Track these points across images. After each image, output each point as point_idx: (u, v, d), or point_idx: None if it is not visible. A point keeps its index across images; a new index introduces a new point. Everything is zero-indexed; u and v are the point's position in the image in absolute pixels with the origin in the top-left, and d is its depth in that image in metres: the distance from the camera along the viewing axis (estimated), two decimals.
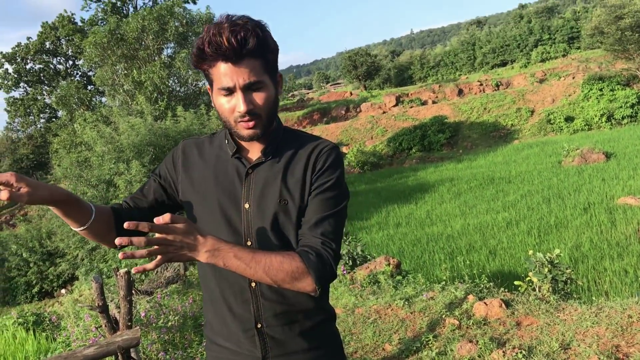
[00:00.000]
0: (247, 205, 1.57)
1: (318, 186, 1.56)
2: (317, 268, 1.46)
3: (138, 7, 33.38)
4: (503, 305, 4.82)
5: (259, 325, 1.59)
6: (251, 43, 1.41)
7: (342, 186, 1.60)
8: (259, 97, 1.49)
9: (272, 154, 1.60)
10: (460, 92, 42.70)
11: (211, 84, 1.53)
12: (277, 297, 1.58)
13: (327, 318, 1.69)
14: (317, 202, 1.55)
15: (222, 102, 1.50)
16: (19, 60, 46.02)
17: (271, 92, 1.51)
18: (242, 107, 1.47)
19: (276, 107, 1.56)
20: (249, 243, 1.56)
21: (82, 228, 1.56)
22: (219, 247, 1.37)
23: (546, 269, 5.38)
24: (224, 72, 1.45)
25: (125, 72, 24.82)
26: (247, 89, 1.47)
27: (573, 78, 36.97)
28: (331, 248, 1.51)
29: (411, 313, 5.24)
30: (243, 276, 1.51)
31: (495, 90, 41.39)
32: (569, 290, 5.50)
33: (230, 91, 1.47)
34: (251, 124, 1.50)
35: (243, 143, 1.62)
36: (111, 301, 5.89)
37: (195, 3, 32.85)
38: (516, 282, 5.69)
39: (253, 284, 1.57)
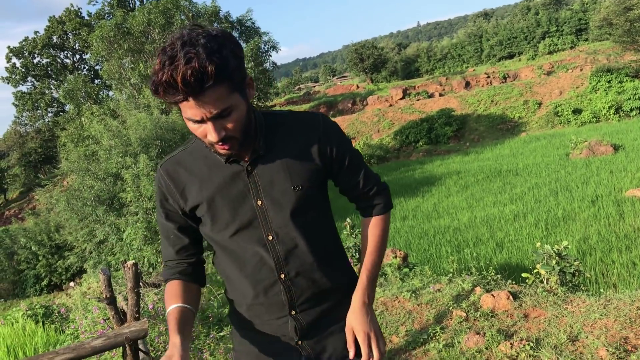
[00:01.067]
0: (259, 202, 1.57)
1: (341, 159, 1.66)
2: (388, 202, 1.78)
3: (144, 0, 33.35)
4: (510, 297, 4.80)
5: (293, 312, 1.63)
6: (211, 77, 1.31)
7: (349, 143, 1.70)
8: (229, 122, 1.42)
9: (265, 145, 1.58)
10: (468, 85, 42.55)
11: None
12: (307, 283, 1.62)
13: (353, 288, 1.72)
14: (347, 171, 1.69)
15: (194, 128, 1.44)
16: (26, 54, 46.23)
17: (241, 111, 1.44)
18: (214, 138, 1.41)
19: (249, 117, 1.50)
20: (270, 237, 1.57)
21: None
22: (358, 292, 1.68)
23: (554, 261, 5.37)
24: (189, 106, 1.37)
25: (132, 65, 24.84)
26: (217, 118, 1.40)
27: (581, 70, 36.74)
28: (378, 183, 1.76)
29: (418, 305, 5.24)
30: (270, 270, 1.59)
31: (503, 82, 41.22)
32: (576, 282, 5.48)
33: (198, 122, 1.41)
34: (226, 146, 1.46)
35: None
36: (119, 293, 5.91)
37: None
38: (524, 275, 5.67)
39: (282, 275, 1.60)
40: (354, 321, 1.64)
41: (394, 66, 60.27)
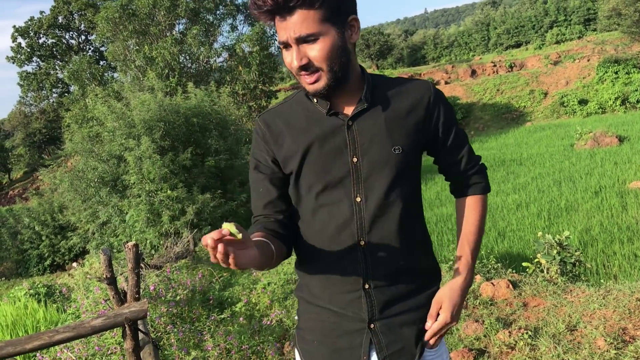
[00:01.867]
0: (355, 159, 1.49)
1: (447, 131, 1.59)
2: (488, 186, 1.69)
3: None
4: (510, 286, 4.81)
5: (367, 286, 1.52)
6: None
7: (455, 116, 1.63)
8: (314, 50, 1.38)
9: (369, 100, 1.50)
10: (474, 73, 42.34)
11: None
12: (388, 256, 1.52)
13: (434, 277, 1.66)
14: (452, 145, 1.61)
15: (285, 56, 1.42)
16: (32, 34, 46.13)
17: (332, 42, 1.39)
18: (295, 63, 1.39)
19: (345, 55, 1.43)
20: (358, 199, 1.50)
21: (268, 267, 1.49)
22: (463, 273, 1.62)
23: (555, 251, 5.37)
24: (279, 26, 1.38)
25: (137, 47, 24.76)
26: (302, 42, 1.38)
27: (588, 60, 36.49)
28: (479, 163, 1.69)
29: None
30: (351, 235, 1.50)
31: (509, 71, 40.99)
32: (577, 272, 5.49)
33: (286, 45, 1.40)
34: (311, 78, 1.42)
35: (334, 98, 1.51)
36: (120, 274, 5.95)
37: None
38: (524, 264, 5.68)
39: (362, 242, 1.50)
40: (448, 297, 1.58)
41: (400, 53, 59.99)
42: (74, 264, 17.06)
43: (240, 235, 1.21)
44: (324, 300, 1.57)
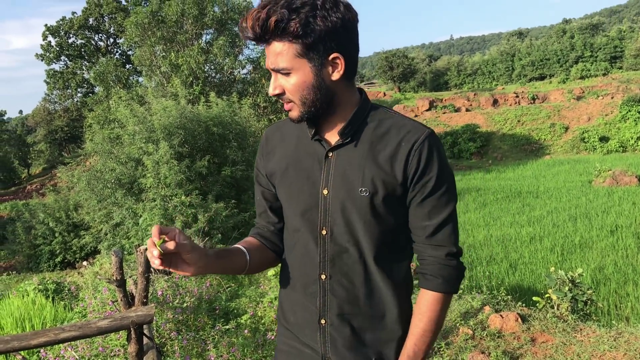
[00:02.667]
0: (325, 192, 1.47)
1: (421, 188, 1.44)
2: (452, 287, 1.48)
3: None
4: (519, 319, 4.76)
5: (323, 321, 1.50)
6: (268, 27, 1.32)
7: (447, 183, 1.47)
8: (287, 82, 1.40)
9: (351, 135, 1.47)
10: (495, 102, 42.25)
11: None
12: (348, 296, 1.48)
13: (399, 325, 1.53)
14: (427, 208, 1.46)
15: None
16: (62, 33, 46.92)
17: (305, 79, 1.38)
18: (269, 89, 1.44)
19: (320, 92, 1.41)
20: (323, 232, 1.48)
21: (243, 273, 1.58)
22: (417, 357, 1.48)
23: (567, 288, 5.30)
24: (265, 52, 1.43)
25: (164, 54, 25.07)
26: (277, 72, 1.40)
27: (612, 98, 36.27)
28: (455, 256, 1.48)
29: None
30: (313, 266, 1.50)
31: (531, 103, 40.86)
32: (588, 311, 5.41)
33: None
34: (287, 106, 1.45)
35: (323, 122, 1.49)
36: (129, 277, 5.96)
37: None
38: (534, 298, 5.61)
39: (323, 276, 1.49)
40: None
41: (422, 77, 60.06)
42: (84, 263, 17.15)
43: (162, 246, 1.33)
44: (293, 326, 1.59)
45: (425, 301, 1.48)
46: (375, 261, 1.48)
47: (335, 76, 1.41)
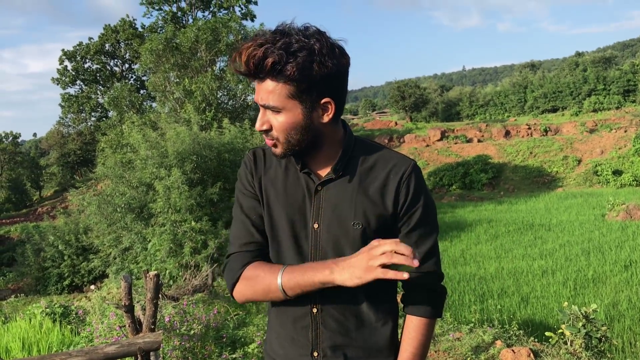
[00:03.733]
0: (315, 225, 1.48)
1: (409, 218, 1.50)
2: (438, 312, 1.55)
3: (197, 18, 34.23)
4: (531, 355, 4.66)
5: (315, 354, 1.51)
6: (264, 67, 1.33)
7: (432, 213, 1.54)
8: (275, 120, 1.41)
9: (342, 169, 1.50)
10: (507, 134, 42.23)
11: None
12: (339, 328, 1.50)
13: (388, 355, 1.56)
14: (414, 237, 1.51)
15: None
16: (78, 58, 47.65)
17: (293, 120, 1.40)
18: (256, 124, 1.45)
19: (310, 133, 1.43)
20: None
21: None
22: None
23: (580, 324, 5.20)
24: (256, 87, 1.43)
25: (177, 80, 25.38)
26: (267, 109, 1.42)
27: (625, 131, 36.14)
28: (439, 281, 1.56)
29: (435, 352, 5.11)
30: (304, 300, 1.48)
31: (543, 135, 40.80)
32: (602, 348, 5.30)
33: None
34: (270, 142, 1.46)
35: (309, 157, 1.51)
36: (137, 302, 5.92)
37: (253, 20, 33.37)
38: (547, 333, 5.51)
39: (314, 310, 1.49)
40: None
41: (434, 107, 60.30)
42: (92, 287, 17.13)
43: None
44: (280, 357, 1.57)
45: (414, 327, 1.53)
46: (366, 293, 1.50)
47: (325, 119, 1.44)
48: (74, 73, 47.93)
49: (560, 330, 5.33)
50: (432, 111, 59.55)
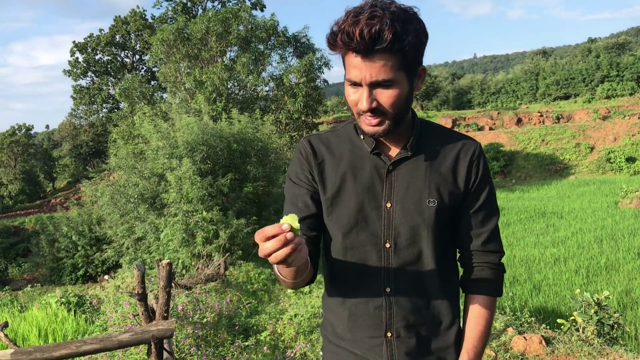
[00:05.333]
0: (388, 205, 1.49)
1: (477, 197, 1.54)
2: (500, 290, 1.58)
3: (207, 8, 34.18)
4: (543, 342, 4.66)
5: (389, 334, 1.51)
6: (386, 40, 1.29)
7: (495, 195, 1.59)
8: (385, 95, 1.38)
9: (414, 149, 1.51)
10: (519, 122, 41.92)
11: (344, 68, 1.45)
12: (413, 307, 1.51)
13: (453, 340, 1.59)
14: (481, 216, 1.55)
15: (349, 93, 1.42)
16: (89, 50, 47.78)
17: (402, 91, 1.39)
18: (364, 105, 1.38)
19: (408, 103, 1.44)
20: (387, 245, 1.49)
21: (300, 286, 1.52)
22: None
23: (592, 311, 5.19)
24: (354, 64, 1.36)
25: (188, 70, 25.37)
26: (374, 86, 1.37)
27: (639, 118, 35.75)
28: (500, 255, 1.58)
29: None
30: (376, 280, 1.50)
31: (556, 122, 40.46)
32: (614, 335, 5.29)
33: (356, 84, 1.38)
34: (374, 121, 1.41)
35: (381, 138, 1.50)
36: (150, 291, 5.98)
37: (262, 10, 33.29)
38: (559, 320, 5.50)
39: (388, 289, 1.50)
40: None
41: (445, 95, 59.98)
42: (106, 277, 17.30)
43: (299, 232, 1.18)
44: (347, 341, 1.57)
45: (482, 305, 1.56)
46: (437, 271, 1.52)
47: (419, 87, 1.47)
48: (85, 65, 48.07)
49: (572, 317, 5.33)
50: (443, 99, 59.24)
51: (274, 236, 1.14)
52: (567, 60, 68.72)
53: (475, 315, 1.55)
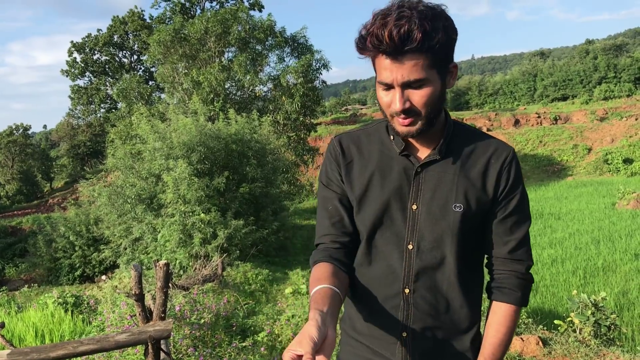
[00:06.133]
0: (414, 207, 1.49)
1: (507, 204, 1.51)
2: (525, 300, 1.55)
3: (206, 9, 34.16)
4: (540, 342, 4.67)
5: (404, 334, 1.52)
6: (415, 39, 1.29)
7: (527, 202, 1.56)
8: (418, 95, 1.38)
9: (444, 152, 1.50)
10: (517, 123, 41.97)
11: (375, 71, 1.44)
12: (430, 310, 1.51)
13: (468, 346, 1.58)
14: (509, 223, 1.52)
15: (381, 95, 1.42)
16: (87, 50, 47.72)
17: (435, 89, 1.39)
18: (397, 106, 1.38)
19: (441, 102, 1.44)
20: (410, 246, 1.49)
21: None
22: None
23: (589, 312, 5.20)
24: (384, 66, 1.36)
25: (186, 71, 25.36)
26: (406, 87, 1.37)
27: (636, 119, 35.81)
28: (529, 264, 1.55)
29: None
30: (396, 280, 1.50)
31: (553, 124, 40.52)
32: (611, 336, 5.30)
33: (387, 86, 1.39)
34: (407, 121, 1.41)
35: (411, 139, 1.51)
36: (147, 292, 5.98)
37: (261, 11, 33.27)
38: (556, 321, 5.51)
39: (407, 290, 1.50)
40: None
41: None
42: (103, 277, 17.26)
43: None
44: (364, 337, 1.59)
45: (503, 313, 1.52)
46: (458, 276, 1.51)
47: (451, 84, 1.46)
48: (83, 65, 48.00)
49: (569, 319, 5.34)
50: None
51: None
52: (565, 61, 68.77)
53: (496, 322, 1.53)
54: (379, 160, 1.54)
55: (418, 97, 1.38)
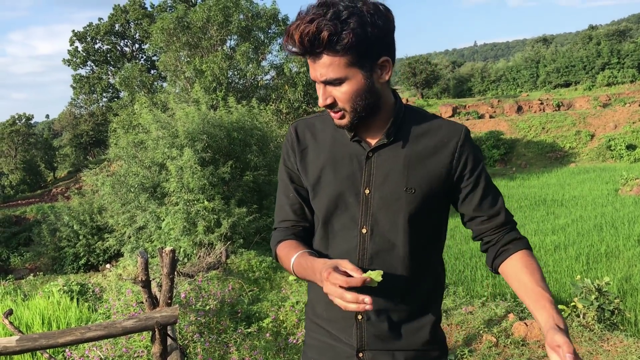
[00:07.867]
0: (367, 191, 1.50)
1: (475, 182, 1.53)
2: (528, 242, 1.57)
3: None
4: None
5: (359, 317, 1.53)
6: (322, 41, 1.32)
7: (486, 169, 1.58)
8: (339, 92, 1.41)
9: (394, 135, 1.51)
10: (520, 109, 41.85)
11: None
12: (385, 292, 1.50)
13: (433, 319, 1.58)
14: (486, 201, 1.55)
15: (317, 88, 1.46)
16: (88, 39, 47.63)
17: (357, 86, 1.41)
18: (320, 101, 1.44)
19: (373, 95, 1.44)
20: (364, 230, 1.50)
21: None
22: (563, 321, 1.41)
23: (593, 296, 5.22)
24: (309, 64, 1.42)
25: (188, 59, 25.29)
26: (328, 84, 1.41)
27: (639, 105, 35.67)
28: (514, 222, 1.59)
29: (448, 325, 5.16)
30: (353, 263, 1.49)
31: (556, 110, 40.39)
32: (615, 321, 5.32)
33: (316, 81, 1.44)
34: (337, 115, 1.46)
35: (361, 124, 1.51)
36: (153, 279, 6.02)
37: None
38: (560, 307, 5.53)
39: None
40: (562, 339, 1.27)
41: (446, 83, 59.77)
42: (107, 266, 17.35)
43: (376, 284, 1.33)
44: (324, 320, 1.61)
45: (525, 258, 1.50)
46: (413, 257, 1.52)
47: (385, 78, 1.46)
48: (84, 54, 47.95)
49: (572, 304, 5.36)
50: (444, 87, 59.05)
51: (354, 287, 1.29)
52: (568, 47, 68.40)
53: (527, 267, 1.47)
54: (332, 146, 1.56)
55: (339, 93, 1.42)
